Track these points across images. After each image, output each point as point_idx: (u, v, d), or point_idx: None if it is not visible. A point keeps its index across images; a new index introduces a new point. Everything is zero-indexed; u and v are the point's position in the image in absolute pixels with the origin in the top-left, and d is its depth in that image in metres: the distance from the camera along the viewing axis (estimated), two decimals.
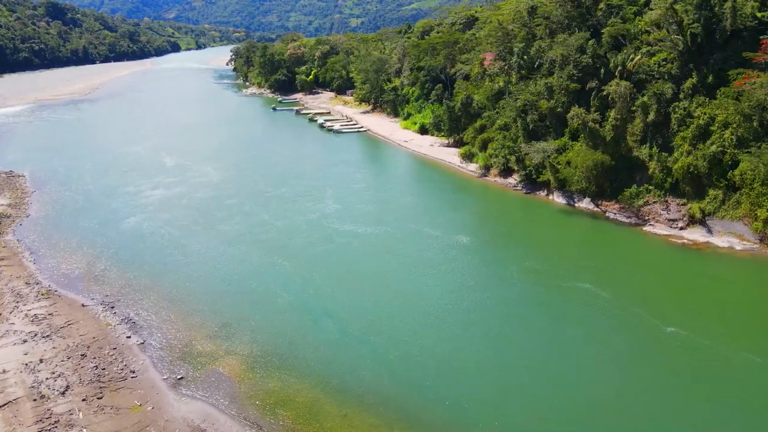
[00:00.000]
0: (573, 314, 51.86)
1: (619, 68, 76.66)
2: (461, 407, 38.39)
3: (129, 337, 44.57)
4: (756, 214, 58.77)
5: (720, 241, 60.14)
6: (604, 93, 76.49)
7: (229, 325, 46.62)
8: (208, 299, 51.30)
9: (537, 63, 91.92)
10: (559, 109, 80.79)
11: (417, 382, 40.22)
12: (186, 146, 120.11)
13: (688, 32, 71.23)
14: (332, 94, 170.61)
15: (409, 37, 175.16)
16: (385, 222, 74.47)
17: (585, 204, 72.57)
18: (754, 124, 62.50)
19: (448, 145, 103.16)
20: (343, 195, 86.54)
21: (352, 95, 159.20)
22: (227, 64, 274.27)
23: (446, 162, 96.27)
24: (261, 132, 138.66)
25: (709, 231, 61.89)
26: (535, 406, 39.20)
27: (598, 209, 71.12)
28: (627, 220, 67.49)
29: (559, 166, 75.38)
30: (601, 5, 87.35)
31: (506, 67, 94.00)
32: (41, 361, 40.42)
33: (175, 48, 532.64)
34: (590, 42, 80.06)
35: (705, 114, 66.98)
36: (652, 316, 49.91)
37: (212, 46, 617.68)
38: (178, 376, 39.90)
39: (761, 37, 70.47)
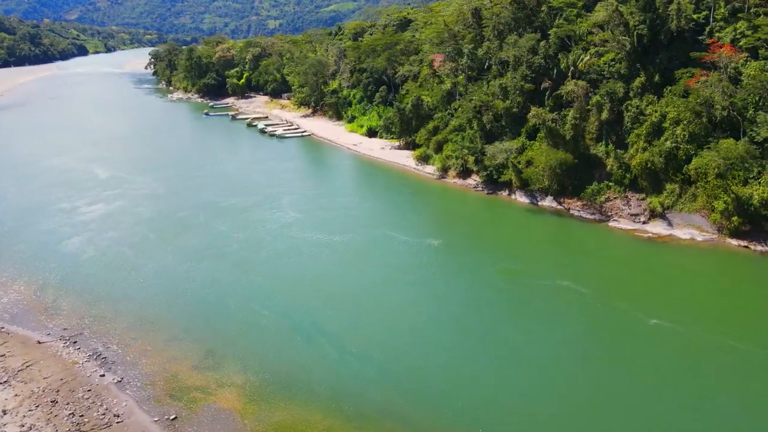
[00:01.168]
0: (560, 313, 52.18)
1: (571, 68, 78.71)
2: (479, 418, 37.28)
3: (102, 375, 39.90)
4: (713, 206, 61.76)
5: (682, 233, 62.79)
6: (559, 93, 78.39)
7: (215, 353, 42.92)
8: (183, 325, 47.13)
9: (487, 64, 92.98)
10: (515, 110, 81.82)
11: (431, 399, 38.59)
12: (117, 156, 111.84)
13: (635, 33, 74.16)
14: (267, 98, 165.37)
15: (340, 39, 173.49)
16: (351, 229, 72.31)
17: (548, 202, 73.77)
18: (704, 120, 65.82)
19: (400, 148, 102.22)
20: (300, 202, 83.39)
21: (288, 99, 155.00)
22: (146, 68, 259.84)
23: (401, 165, 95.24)
24: (198, 139, 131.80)
25: (670, 224, 64.50)
26: (547, 406, 38.73)
27: (562, 207, 72.50)
28: (591, 217, 69.17)
29: (519, 166, 76.20)
30: (543, 8, 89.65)
31: (456, 69, 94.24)
32: (4, 412, 35.19)
33: (82, 51, 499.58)
34: (542, 43, 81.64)
35: (656, 112, 69.88)
36: (634, 310, 51.04)
37: (122, 49, 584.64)
38: (171, 416, 36.00)
39: (698, 37, 74.83)
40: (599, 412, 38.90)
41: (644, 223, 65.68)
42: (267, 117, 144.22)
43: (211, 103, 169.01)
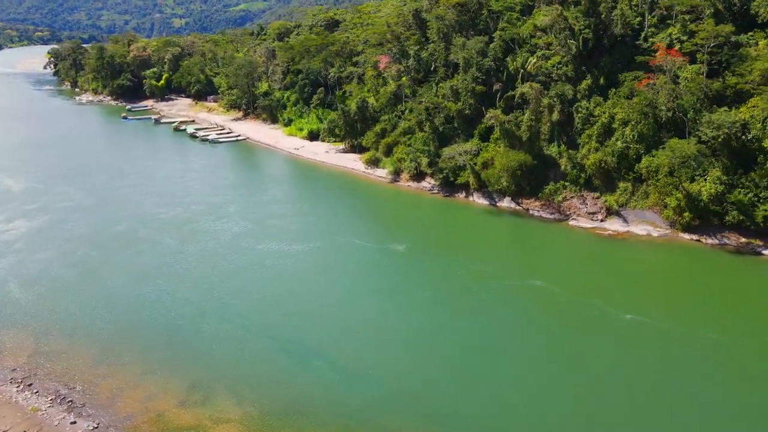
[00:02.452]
0: (538, 312, 52.44)
1: (521, 71, 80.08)
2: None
3: (74, 422, 34.84)
4: (665, 202, 64.79)
5: (638, 229, 65.37)
6: (511, 94, 79.51)
7: (200, 385, 38.84)
8: (156, 355, 42.43)
9: (433, 66, 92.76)
10: (467, 111, 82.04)
11: (443, 419, 36.96)
12: (30, 165, 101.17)
13: (581, 37, 76.57)
14: (190, 100, 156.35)
15: (264, 39, 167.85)
16: (311, 237, 69.30)
17: (506, 203, 74.48)
18: (650, 120, 68.93)
19: (345, 151, 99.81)
20: (249, 210, 79.07)
21: (216, 101, 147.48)
22: (45, 68, 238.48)
23: (349, 169, 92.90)
24: (120, 144, 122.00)
25: (626, 221, 67.00)
26: (549, 409, 38.51)
27: (520, 208, 73.43)
28: (551, 217, 70.52)
29: (476, 167, 76.40)
30: (484, 11, 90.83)
31: (402, 70, 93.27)
32: None
33: None
34: (491, 45, 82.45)
35: (605, 113, 72.43)
36: (608, 306, 52.22)
37: (10, 47, 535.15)
38: None
39: (636, 41, 78.58)
40: (602, 408, 39.15)
41: (602, 221, 67.80)
42: (194, 121, 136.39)
43: (128, 106, 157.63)
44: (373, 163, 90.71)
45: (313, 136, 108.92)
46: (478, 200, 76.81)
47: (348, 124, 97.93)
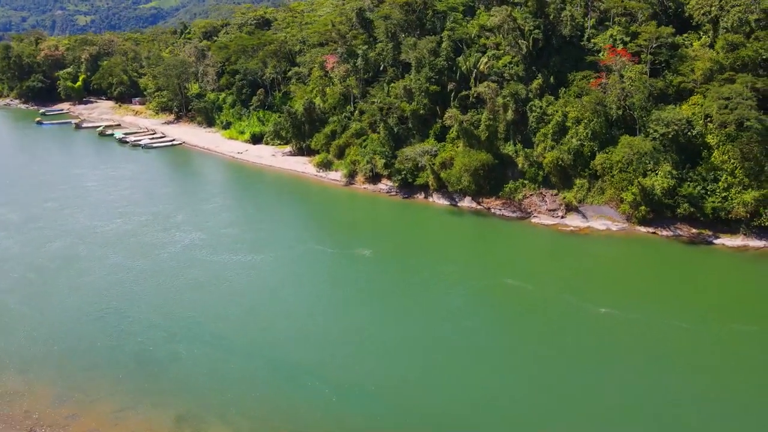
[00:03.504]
0: (517, 312, 52.66)
1: (474, 71, 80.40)
2: None
3: None
4: (621, 197, 67.02)
5: (597, 224, 67.24)
6: (465, 94, 79.62)
7: (189, 417, 35.40)
8: (129, 387, 38.31)
9: (382, 66, 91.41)
10: (422, 111, 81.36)
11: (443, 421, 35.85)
12: None
13: (531, 38, 77.90)
14: (112, 102, 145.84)
15: (189, 38, 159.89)
16: (270, 245, 66.11)
17: (467, 203, 74.46)
18: (601, 119, 71.10)
19: (292, 154, 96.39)
20: (198, 219, 74.40)
21: (141, 104, 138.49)
22: None
23: (300, 172, 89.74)
24: (38, 152, 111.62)
25: (585, 217, 68.73)
26: (540, 406, 38.49)
27: (482, 207, 73.63)
28: (513, 215, 71.15)
29: (435, 168, 75.83)
30: (429, 11, 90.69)
31: (351, 70, 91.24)
32: None
33: None
34: (443, 45, 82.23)
35: (557, 112, 74.04)
36: (582, 301, 53.15)
37: None
38: None
39: (580, 42, 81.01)
40: (594, 402, 39.63)
41: (562, 217, 69.18)
42: (120, 125, 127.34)
43: (41, 110, 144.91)
44: (326, 166, 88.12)
45: (256, 140, 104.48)
46: (438, 201, 76.32)
47: (295, 126, 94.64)
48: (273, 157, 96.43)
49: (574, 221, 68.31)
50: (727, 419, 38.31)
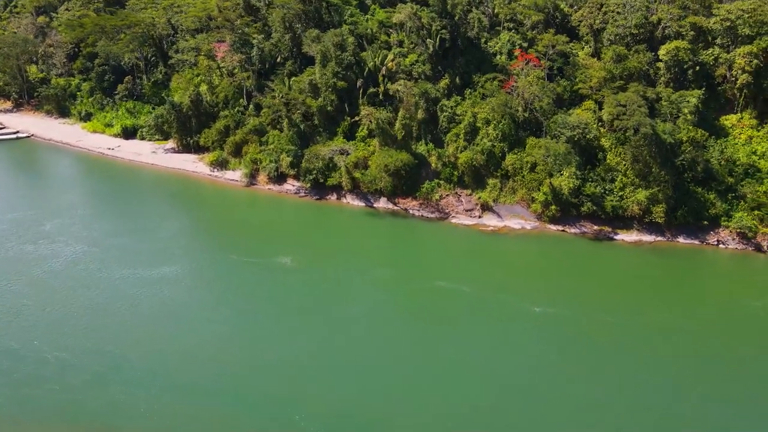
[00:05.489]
0: (457, 315, 52.36)
1: (382, 68, 78.48)
2: None
3: None
4: (532, 197, 69.91)
5: (513, 223, 69.39)
6: (374, 91, 77.41)
7: None
8: None
9: (279, 58, 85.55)
10: (329, 108, 77.52)
11: None
12: None
13: (438, 37, 78.10)
14: None
15: (17, 13, 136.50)
16: (175, 257, 58.49)
17: (383, 204, 72.51)
18: (508, 120, 73.53)
19: (177, 151, 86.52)
20: (76, 229, 63.56)
21: None
22: None
23: (190, 171, 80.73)
24: None
25: (500, 216, 70.55)
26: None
27: (398, 208, 72.17)
28: (432, 216, 70.69)
29: (348, 167, 72.70)
30: (324, 2, 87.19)
31: (244, 61, 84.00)
32: None
33: None
34: (350, 39, 79.09)
35: (467, 112, 75.13)
36: (518, 301, 54.52)
37: None
38: None
39: (483, 45, 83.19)
40: (556, 399, 40.26)
41: (480, 217, 70.32)
42: None
43: None
44: (221, 164, 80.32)
45: (128, 134, 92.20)
46: (353, 202, 73.35)
47: (180, 120, 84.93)
48: (154, 154, 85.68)
49: (491, 221, 69.77)
50: (665, 396, 41.39)
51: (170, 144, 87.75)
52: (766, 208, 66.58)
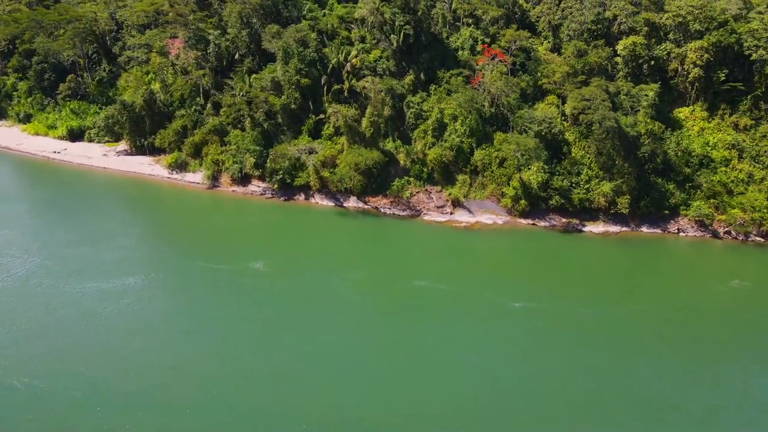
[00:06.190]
0: (440, 314, 51.85)
1: (346, 64, 76.94)
2: None
3: None
4: (502, 191, 70.34)
5: (484, 219, 69.60)
6: (338, 88, 75.80)
7: None
8: None
9: (237, 55, 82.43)
10: (293, 106, 75.34)
11: None
12: None
13: (402, 33, 77.25)
14: None
15: None
16: (140, 266, 55.51)
17: (353, 203, 71.20)
18: (476, 115, 73.73)
19: (130, 153, 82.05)
20: (25, 240, 59.37)
21: None
22: None
23: (146, 175, 76.73)
24: None
25: (471, 212, 70.62)
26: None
27: (369, 206, 71.04)
28: (403, 213, 69.96)
29: (317, 167, 70.95)
30: None
31: (200, 58, 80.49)
32: None
33: None
34: (312, 35, 77.09)
35: (433, 108, 74.73)
36: (497, 297, 54.62)
37: None
38: None
39: (446, 40, 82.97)
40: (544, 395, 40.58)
41: (451, 213, 70.16)
42: None
43: None
44: (180, 166, 76.78)
45: (74, 136, 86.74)
46: (322, 202, 71.66)
47: (133, 120, 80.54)
48: (105, 157, 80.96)
49: (463, 217, 69.74)
50: (650, 383, 42.47)
51: (122, 146, 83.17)
52: (720, 196, 69.68)
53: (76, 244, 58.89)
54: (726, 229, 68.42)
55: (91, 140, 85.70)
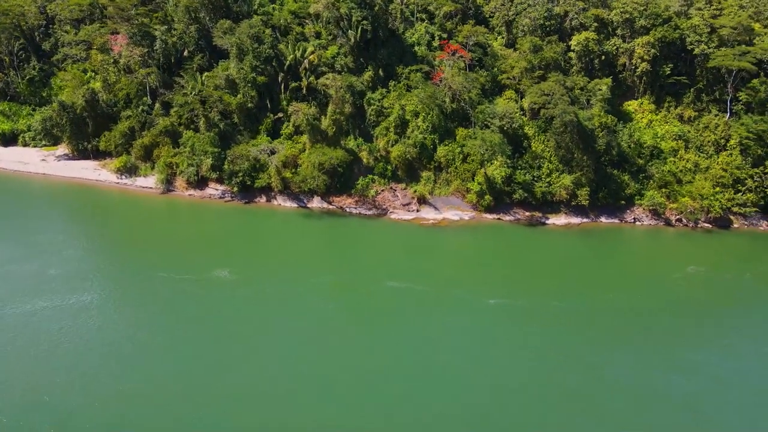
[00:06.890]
0: (408, 315, 51.10)
1: (304, 61, 74.77)
2: None
3: None
4: (467, 187, 70.49)
5: (450, 215, 69.53)
6: (296, 85, 73.62)
7: None
8: None
9: (186, 51, 78.43)
10: (250, 105, 72.51)
11: None
12: None
13: (359, 28, 75.81)
14: None
15: None
16: (93, 281, 52.31)
17: (317, 203, 69.41)
18: (437, 111, 73.48)
19: (72, 158, 76.63)
20: None
21: None
22: None
23: (92, 180, 71.86)
24: None
25: (437, 209, 70.38)
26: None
27: (333, 206, 69.46)
28: (369, 213, 68.83)
29: (278, 167, 68.65)
30: None
31: (146, 55, 76.04)
32: None
33: None
34: (267, 31, 74.36)
35: (395, 105, 73.87)
36: (471, 295, 54.55)
37: None
38: None
39: (403, 36, 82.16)
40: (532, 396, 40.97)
41: (417, 211, 69.66)
42: None
43: None
44: (130, 171, 72.46)
45: (7, 140, 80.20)
46: (285, 203, 69.45)
47: (74, 122, 75.20)
48: (44, 162, 75.25)
49: (429, 214, 69.40)
50: (631, 371, 43.74)
51: (62, 150, 77.61)
52: (671, 185, 72.70)
53: (19, 260, 54.35)
54: (677, 216, 71.48)
55: (26, 144, 79.54)
